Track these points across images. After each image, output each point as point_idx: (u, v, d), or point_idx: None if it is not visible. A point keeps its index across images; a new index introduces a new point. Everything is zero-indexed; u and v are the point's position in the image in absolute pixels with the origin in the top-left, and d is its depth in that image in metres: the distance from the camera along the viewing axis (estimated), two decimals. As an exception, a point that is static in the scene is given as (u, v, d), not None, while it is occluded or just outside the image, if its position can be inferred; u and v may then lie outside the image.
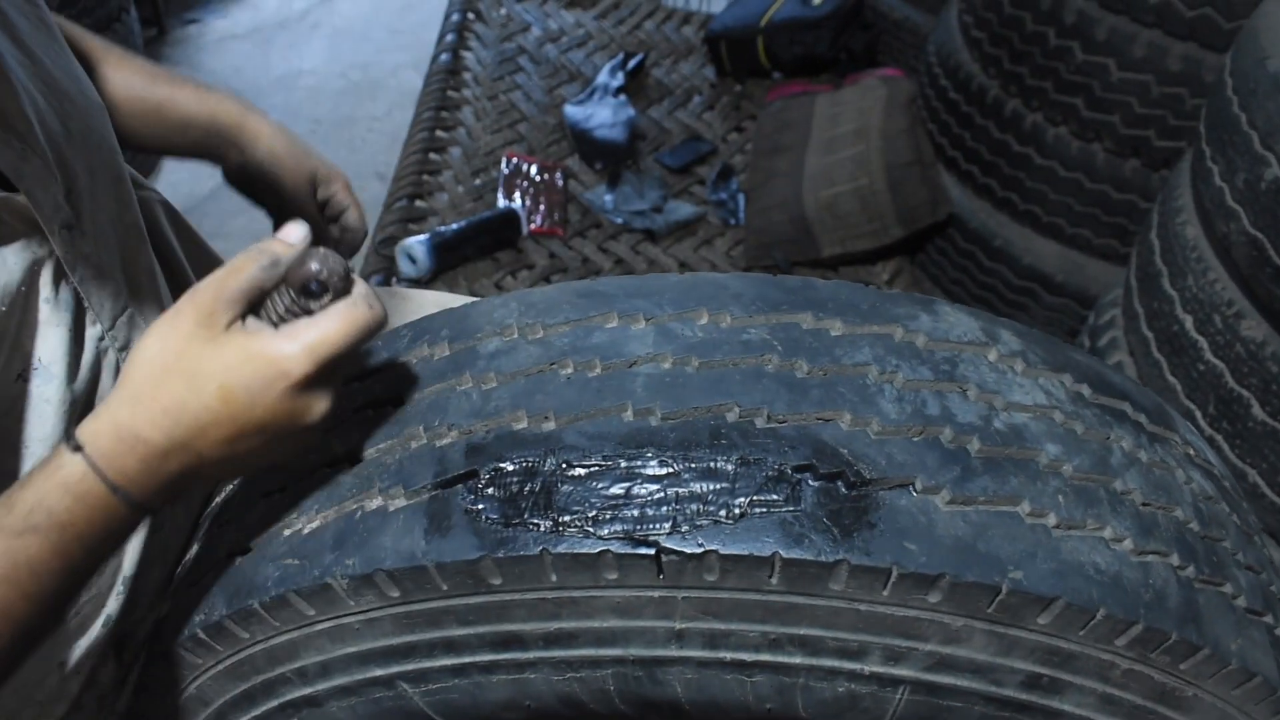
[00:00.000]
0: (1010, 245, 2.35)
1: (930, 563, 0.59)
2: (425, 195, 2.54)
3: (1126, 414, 0.74)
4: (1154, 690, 0.66)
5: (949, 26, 2.45)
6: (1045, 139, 2.18)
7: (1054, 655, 0.63)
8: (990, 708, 0.66)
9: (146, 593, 0.89)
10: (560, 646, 0.66)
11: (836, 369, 0.68)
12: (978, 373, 0.70)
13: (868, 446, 0.64)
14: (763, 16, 2.95)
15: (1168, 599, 0.64)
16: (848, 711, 0.66)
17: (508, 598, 0.64)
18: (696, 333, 0.70)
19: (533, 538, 0.62)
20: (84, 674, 0.85)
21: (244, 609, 0.70)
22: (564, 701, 0.69)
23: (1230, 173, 1.42)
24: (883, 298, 0.74)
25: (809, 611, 0.62)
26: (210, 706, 0.80)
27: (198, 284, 0.64)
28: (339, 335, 0.63)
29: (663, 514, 0.61)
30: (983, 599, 0.60)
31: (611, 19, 3.27)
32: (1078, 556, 0.62)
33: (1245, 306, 1.42)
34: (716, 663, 0.65)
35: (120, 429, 0.62)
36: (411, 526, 0.65)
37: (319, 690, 0.74)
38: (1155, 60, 1.96)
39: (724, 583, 0.61)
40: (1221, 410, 1.47)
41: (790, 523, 0.60)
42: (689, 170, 2.73)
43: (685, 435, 0.64)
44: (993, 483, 0.64)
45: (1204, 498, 0.73)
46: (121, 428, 0.62)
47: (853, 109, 2.59)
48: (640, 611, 0.63)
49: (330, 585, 0.66)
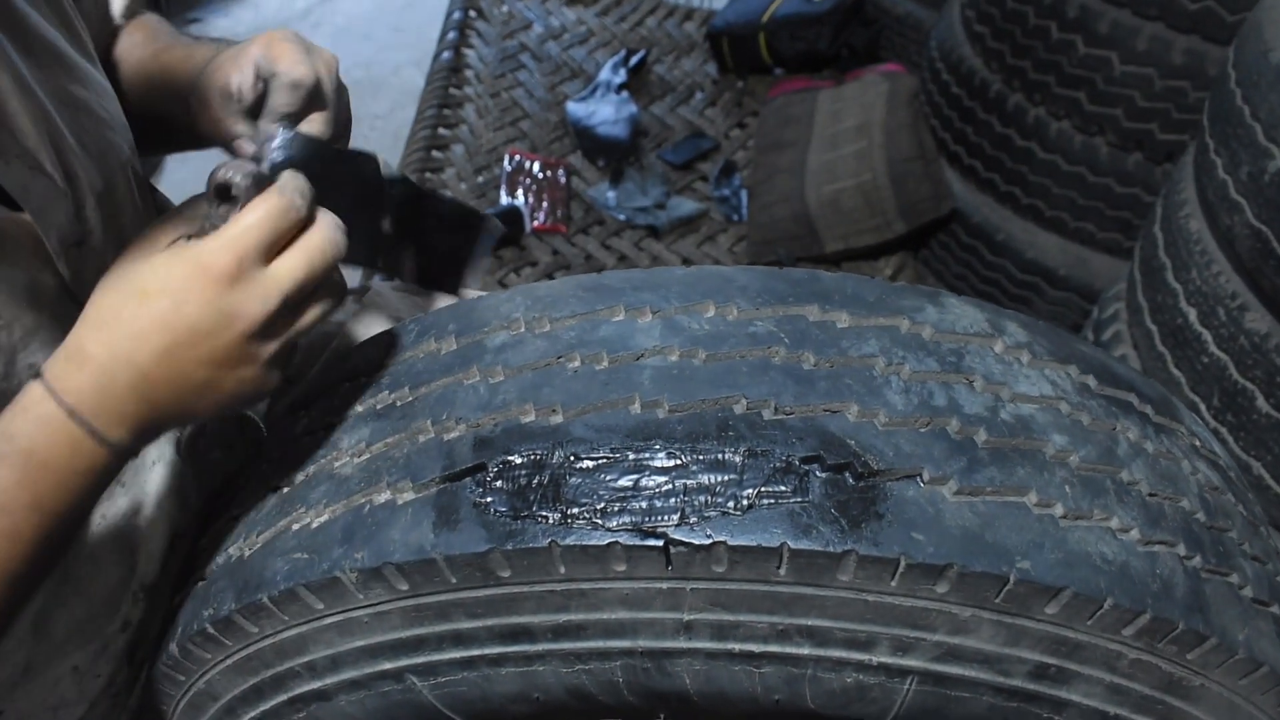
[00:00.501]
0: (1013, 240, 2.35)
1: (938, 553, 0.59)
2: (428, 193, 2.54)
3: (1132, 405, 0.74)
4: (1161, 680, 0.66)
5: (951, 21, 2.45)
6: (1048, 133, 2.18)
7: (1061, 645, 0.63)
8: (998, 698, 0.66)
9: (167, 599, 0.89)
10: (569, 639, 0.66)
11: (843, 361, 0.68)
12: (984, 364, 0.70)
13: (875, 438, 0.64)
14: (765, 12, 2.95)
15: (1175, 589, 0.64)
16: (856, 702, 0.66)
17: (516, 590, 0.64)
18: (703, 325, 0.70)
19: (541, 530, 0.62)
20: (104, 677, 0.85)
21: (253, 603, 0.70)
22: (573, 694, 0.69)
23: (1234, 165, 1.42)
24: (889, 290, 0.74)
25: (817, 602, 0.62)
26: (219, 701, 0.81)
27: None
28: (255, 223, 0.62)
29: (671, 505, 0.61)
30: (990, 589, 0.60)
31: (613, 16, 3.27)
32: (1085, 546, 0.62)
33: (1249, 299, 1.42)
34: (725, 654, 0.65)
35: (69, 349, 0.63)
36: (420, 520, 0.65)
37: (328, 684, 0.74)
38: (1158, 54, 1.96)
39: (732, 574, 0.61)
40: (1226, 403, 1.48)
41: (798, 514, 0.60)
42: (691, 167, 2.74)
43: (693, 427, 0.64)
44: (1000, 473, 0.64)
45: (1210, 488, 0.73)
46: (69, 347, 0.63)
47: (855, 105, 2.59)
48: (649, 603, 0.63)
49: (339, 579, 0.66)
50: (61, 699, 0.82)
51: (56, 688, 0.81)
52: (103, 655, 0.84)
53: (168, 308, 0.62)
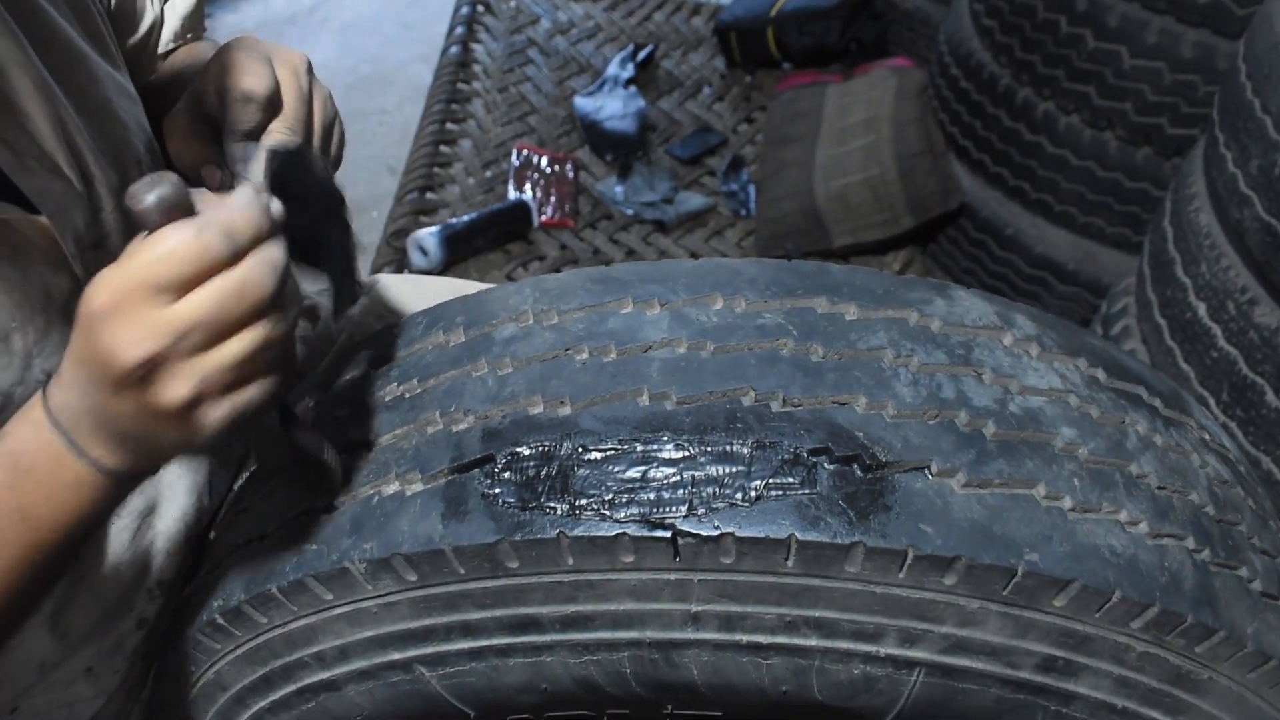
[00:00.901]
0: (1022, 234, 2.34)
1: (946, 545, 0.59)
2: (436, 188, 2.54)
3: (1142, 398, 0.74)
4: (1169, 673, 0.66)
5: (960, 15, 2.44)
6: (1057, 127, 2.18)
7: (1069, 638, 0.63)
8: (1006, 690, 0.66)
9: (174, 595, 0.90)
10: (577, 629, 0.66)
11: (851, 353, 0.68)
12: (993, 357, 0.70)
13: (883, 430, 0.64)
14: (772, 7, 2.95)
15: (1183, 582, 0.64)
16: (863, 694, 0.66)
17: (524, 581, 0.65)
18: (711, 318, 0.70)
19: (549, 521, 0.62)
20: (120, 674, 0.86)
21: (262, 594, 0.71)
22: (580, 684, 0.69)
23: (1243, 159, 1.41)
24: (897, 282, 0.74)
25: (825, 594, 0.62)
26: (228, 692, 0.81)
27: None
28: (145, 261, 0.54)
29: (679, 497, 0.61)
30: (998, 581, 0.60)
31: (621, 10, 3.27)
32: (1093, 539, 0.62)
33: (1259, 293, 1.42)
34: (732, 645, 0.65)
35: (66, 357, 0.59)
36: (429, 511, 0.66)
37: (337, 674, 0.74)
38: (1167, 47, 1.95)
39: (740, 565, 0.61)
40: (1235, 397, 1.47)
41: (806, 505, 0.60)
42: (699, 161, 2.73)
43: (701, 419, 0.64)
44: (1008, 466, 0.64)
45: (1219, 482, 0.73)
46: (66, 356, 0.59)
47: (863, 99, 2.58)
48: (656, 594, 0.63)
49: (348, 569, 0.67)
50: (76, 695, 0.82)
51: (71, 686, 0.81)
52: (118, 653, 0.85)
53: (75, 335, 0.57)
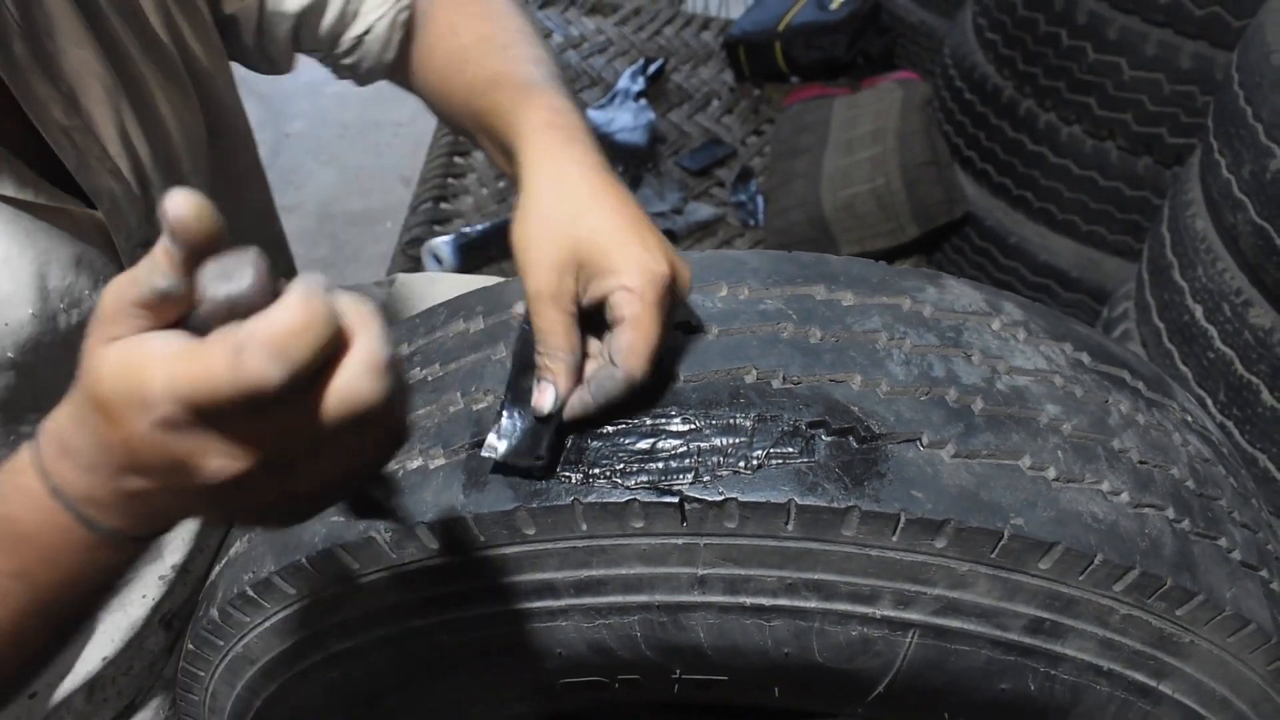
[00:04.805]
0: (1026, 243, 2.37)
1: (936, 509, 0.63)
2: (450, 198, 2.59)
3: (1125, 380, 0.78)
4: (1152, 635, 0.70)
5: (964, 29, 2.49)
6: (1059, 138, 2.22)
7: (1055, 600, 0.67)
8: (996, 652, 0.70)
9: (196, 574, 0.93)
10: (590, 594, 0.70)
11: (848, 335, 0.72)
12: (981, 339, 0.74)
13: (877, 405, 0.68)
14: (781, 21, 3.00)
15: (1163, 547, 0.67)
16: (861, 655, 0.70)
17: (541, 547, 0.69)
18: (716, 304, 0.75)
19: (564, 489, 0.66)
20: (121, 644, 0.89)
21: (292, 564, 0.75)
22: (593, 648, 0.73)
23: (1237, 164, 1.45)
24: (892, 272, 0.78)
25: (823, 557, 0.66)
26: (256, 664, 0.85)
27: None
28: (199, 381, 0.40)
29: (685, 466, 0.66)
30: (986, 544, 0.64)
31: (632, 25, 3.33)
32: (1076, 506, 0.66)
33: (1253, 295, 1.45)
34: (736, 608, 0.69)
35: (57, 418, 0.49)
36: (451, 482, 0.70)
37: (362, 642, 0.78)
38: (1166, 59, 1.99)
39: (743, 529, 0.65)
40: (1232, 397, 1.50)
41: (805, 473, 0.64)
42: (708, 172, 2.78)
43: (706, 395, 0.68)
44: (995, 438, 0.68)
45: (1200, 460, 0.77)
46: (58, 418, 0.49)
47: (870, 111, 2.62)
48: (665, 558, 0.67)
49: (374, 539, 0.71)
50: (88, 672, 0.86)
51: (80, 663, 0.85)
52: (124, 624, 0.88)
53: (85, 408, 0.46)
